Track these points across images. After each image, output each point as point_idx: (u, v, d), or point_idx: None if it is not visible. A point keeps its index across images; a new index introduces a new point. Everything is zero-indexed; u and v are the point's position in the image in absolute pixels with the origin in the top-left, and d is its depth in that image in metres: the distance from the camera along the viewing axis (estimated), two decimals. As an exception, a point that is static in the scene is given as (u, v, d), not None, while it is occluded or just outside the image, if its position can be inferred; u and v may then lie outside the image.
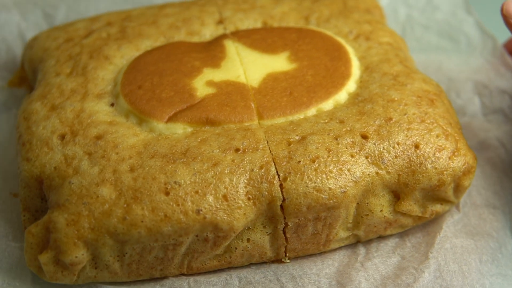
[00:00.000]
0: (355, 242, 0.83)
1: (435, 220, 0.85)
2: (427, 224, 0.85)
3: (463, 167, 0.80)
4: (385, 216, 0.80)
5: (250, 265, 0.81)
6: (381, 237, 0.84)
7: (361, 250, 0.83)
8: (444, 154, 0.80)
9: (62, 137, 0.81)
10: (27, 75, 0.98)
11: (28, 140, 0.82)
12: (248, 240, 0.78)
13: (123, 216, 0.74)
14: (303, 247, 0.81)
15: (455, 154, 0.80)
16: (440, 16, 1.11)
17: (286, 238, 0.79)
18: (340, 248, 0.83)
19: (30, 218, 0.82)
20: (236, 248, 0.79)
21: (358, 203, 0.79)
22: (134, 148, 0.79)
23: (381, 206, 0.80)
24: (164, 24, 0.95)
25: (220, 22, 0.96)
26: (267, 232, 0.78)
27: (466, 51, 1.07)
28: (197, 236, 0.76)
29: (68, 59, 0.91)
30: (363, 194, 0.78)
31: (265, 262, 0.81)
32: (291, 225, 0.78)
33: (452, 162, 0.80)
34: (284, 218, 0.77)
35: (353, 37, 0.93)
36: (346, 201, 0.77)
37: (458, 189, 0.82)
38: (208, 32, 0.95)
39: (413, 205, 0.80)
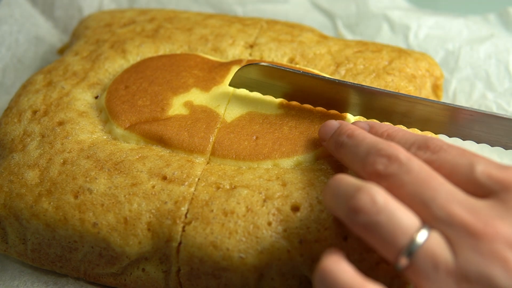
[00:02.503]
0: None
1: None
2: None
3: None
4: (295, 303, 0.73)
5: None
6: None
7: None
8: (372, 256, 0.70)
9: (35, 113, 0.84)
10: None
11: (11, 106, 0.86)
12: (143, 270, 0.76)
13: (31, 204, 0.75)
14: (199, 299, 0.76)
15: (384, 265, 0.70)
16: None
17: (180, 283, 0.75)
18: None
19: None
20: (131, 273, 0.76)
21: (262, 275, 0.72)
22: (80, 144, 0.79)
23: (289, 288, 0.73)
24: (197, 33, 0.94)
25: (251, 46, 0.92)
26: (162, 269, 0.75)
27: None
28: (92, 247, 0.75)
29: (94, 42, 0.94)
30: (268, 267, 0.71)
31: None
32: (183, 271, 0.73)
33: (378, 270, 0.70)
34: (178, 261, 0.73)
35: (369, 100, 0.84)
36: (243, 269, 0.71)
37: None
38: (232, 53, 0.91)
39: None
